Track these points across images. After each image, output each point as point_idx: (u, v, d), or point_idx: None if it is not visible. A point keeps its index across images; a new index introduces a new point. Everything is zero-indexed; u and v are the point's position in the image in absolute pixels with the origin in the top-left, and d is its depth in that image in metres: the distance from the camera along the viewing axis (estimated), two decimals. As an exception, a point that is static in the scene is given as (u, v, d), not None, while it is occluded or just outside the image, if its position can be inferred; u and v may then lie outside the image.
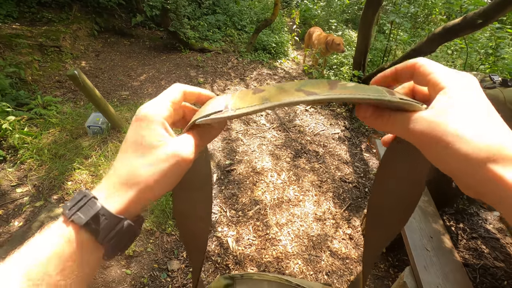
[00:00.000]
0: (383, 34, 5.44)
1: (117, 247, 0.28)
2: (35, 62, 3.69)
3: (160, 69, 4.38)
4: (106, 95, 3.62)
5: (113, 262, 1.84)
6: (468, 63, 3.97)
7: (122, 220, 0.27)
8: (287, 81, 4.12)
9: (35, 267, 0.24)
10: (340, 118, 3.54)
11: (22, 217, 1.99)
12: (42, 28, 4.31)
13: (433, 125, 0.24)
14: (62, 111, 2.91)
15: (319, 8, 6.28)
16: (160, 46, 5.18)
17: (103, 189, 0.28)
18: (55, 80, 3.69)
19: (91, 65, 4.27)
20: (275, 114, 3.53)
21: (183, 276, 1.83)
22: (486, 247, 2.04)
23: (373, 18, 3.24)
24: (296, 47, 5.83)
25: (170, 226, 2.07)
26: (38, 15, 4.66)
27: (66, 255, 0.25)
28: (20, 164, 2.33)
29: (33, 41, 3.88)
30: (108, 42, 5.04)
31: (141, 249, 1.93)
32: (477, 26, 2.30)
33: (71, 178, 2.23)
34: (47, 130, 2.58)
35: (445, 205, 2.28)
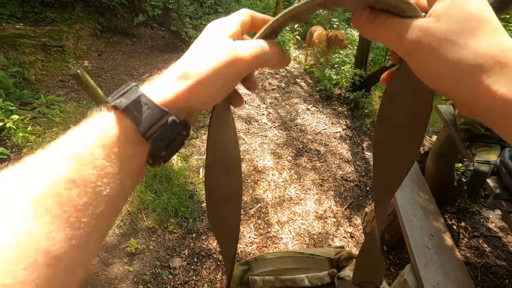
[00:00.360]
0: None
1: (162, 145, 0.26)
2: (39, 62, 3.72)
3: (162, 68, 4.30)
4: (109, 94, 3.63)
5: (115, 260, 1.85)
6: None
7: (167, 114, 0.25)
8: (288, 79, 4.07)
9: (81, 147, 0.22)
10: (341, 117, 3.54)
11: (26, 215, 2.01)
12: (45, 28, 4.34)
13: (426, 33, 0.22)
14: (65, 110, 2.93)
15: (321, 7, 6.27)
16: (162, 45, 5.20)
17: (152, 84, 0.27)
18: (58, 80, 3.72)
19: (94, 65, 4.30)
20: (277, 113, 3.53)
21: (185, 274, 1.84)
22: (487, 246, 2.03)
23: (375, 16, 3.23)
24: (298, 46, 5.82)
25: (172, 224, 2.08)
26: (41, 15, 4.70)
27: (110, 139, 0.23)
28: (24, 163, 2.36)
29: (37, 41, 3.91)
30: (110, 42, 5.07)
31: (143, 247, 1.94)
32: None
33: (74, 177, 2.25)
34: (51, 129, 2.60)
35: (447, 203, 2.28)
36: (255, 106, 3.65)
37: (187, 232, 2.08)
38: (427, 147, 2.35)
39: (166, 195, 2.22)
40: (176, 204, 2.18)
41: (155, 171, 2.39)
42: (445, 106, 1.89)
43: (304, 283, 0.70)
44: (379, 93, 3.93)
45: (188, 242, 2.02)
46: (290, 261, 0.73)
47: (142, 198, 2.18)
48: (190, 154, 2.75)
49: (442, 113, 1.84)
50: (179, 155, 2.66)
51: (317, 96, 3.95)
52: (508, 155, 1.32)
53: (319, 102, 3.82)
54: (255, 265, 0.74)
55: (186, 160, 2.65)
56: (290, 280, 0.71)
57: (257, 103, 3.72)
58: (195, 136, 2.97)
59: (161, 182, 2.34)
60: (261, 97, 3.86)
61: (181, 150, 2.75)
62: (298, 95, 3.98)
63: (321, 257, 0.72)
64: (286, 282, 0.71)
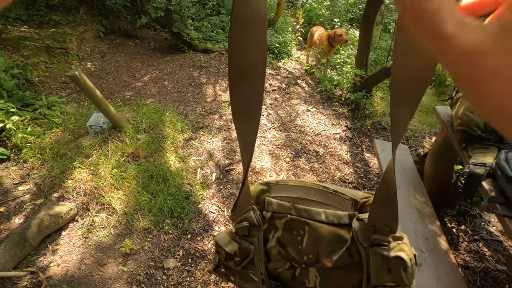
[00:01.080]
0: (388, 33, 5.37)
1: None
2: (42, 64, 3.78)
3: (164, 69, 4.43)
4: (110, 95, 3.68)
5: (110, 260, 1.86)
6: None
7: None
8: (289, 80, 4.05)
9: None
10: (342, 118, 3.50)
11: (22, 214, 2.03)
12: (50, 31, 4.41)
13: None
14: (66, 111, 2.97)
15: (324, 7, 6.25)
16: (164, 47, 5.23)
17: None
18: (61, 81, 3.77)
19: (97, 66, 4.35)
20: (277, 114, 3.52)
21: (179, 275, 1.84)
22: (488, 250, 1.99)
23: (375, 17, 3.21)
24: (299, 47, 5.81)
25: (168, 225, 2.09)
26: (46, 18, 4.78)
27: None
28: (23, 163, 2.39)
29: (40, 43, 3.97)
30: (113, 44, 5.13)
31: (138, 247, 1.95)
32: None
33: (71, 177, 2.27)
34: (51, 130, 2.63)
35: (446, 206, 2.23)
36: (254, 107, 3.64)
37: (182, 233, 2.08)
38: (426, 149, 2.32)
39: (162, 196, 2.22)
40: (172, 205, 2.19)
41: (152, 171, 2.40)
42: (443, 107, 1.86)
43: (320, 217, 0.66)
44: (380, 94, 3.89)
45: (183, 243, 2.02)
46: (312, 192, 0.69)
47: (138, 199, 2.19)
48: (188, 155, 2.75)
49: (440, 114, 1.81)
50: (177, 156, 2.67)
51: (317, 97, 3.93)
52: (504, 157, 1.29)
53: (319, 103, 3.79)
54: (275, 188, 0.71)
55: (183, 161, 2.66)
56: (306, 211, 0.67)
57: (257, 104, 3.71)
58: (193, 137, 2.97)
59: (157, 183, 2.34)
60: (261, 98, 3.84)
61: (179, 151, 2.76)
62: (299, 96, 3.96)
63: (346, 196, 0.67)
64: (301, 211, 0.68)
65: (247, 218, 0.68)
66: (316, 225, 0.66)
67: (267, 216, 0.70)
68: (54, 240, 1.92)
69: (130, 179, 2.31)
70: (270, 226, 0.71)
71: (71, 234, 1.98)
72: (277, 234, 0.70)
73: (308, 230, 0.67)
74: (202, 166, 2.63)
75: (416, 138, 3.20)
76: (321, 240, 0.66)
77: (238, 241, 0.70)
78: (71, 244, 1.92)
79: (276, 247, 0.70)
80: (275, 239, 0.70)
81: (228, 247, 0.69)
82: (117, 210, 2.12)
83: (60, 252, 1.87)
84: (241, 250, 0.70)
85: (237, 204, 0.65)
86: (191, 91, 3.88)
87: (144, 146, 2.61)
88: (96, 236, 1.97)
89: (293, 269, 0.71)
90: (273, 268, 0.73)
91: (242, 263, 0.71)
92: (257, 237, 0.69)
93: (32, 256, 1.81)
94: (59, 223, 1.95)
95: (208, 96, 3.80)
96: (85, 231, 1.99)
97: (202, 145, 2.89)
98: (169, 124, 3.00)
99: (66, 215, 1.98)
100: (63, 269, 1.78)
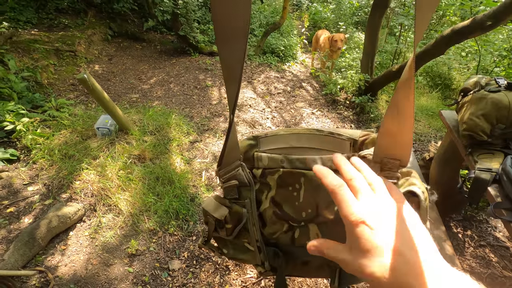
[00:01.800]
0: (394, 36, 5.36)
1: None
2: (51, 66, 3.85)
3: (170, 72, 4.48)
4: (117, 97, 3.73)
5: (116, 260, 1.89)
6: (482, 66, 3.86)
7: None
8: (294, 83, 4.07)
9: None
10: (347, 121, 3.50)
11: (32, 215, 2.07)
12: (59, 34, 4.49)
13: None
14: (74, 113, 3.02)
15: (329, 11, 6.26)
16: (171, 50, 5.29)
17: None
18: (70, 83, 3.84)
19: (104, 69, 4.41)
20: (281, 117, 3.53)
21: (184, 276, 1.86)
22: (494, 256, 1.97)
23: (380, 20, 3.21)
24: (305, 50, 5.82)
25: (173, 227, 2.11)
26: (56, 21, 4.87)
27: None
28: (32, 164, 2.44)
29: (50, 46, 4.05)
30: (121, 47, 5.20)
31: (143, 248, 1.97)
32: (486, 28, 2.24)
33: (79, 178, 2.31)
34: (59, 132, 2.68)
35: (452, 211, 2.22)
36: (259, 110, 3.66)
37: (187, 234, 2.10)
38: (432, 153, 2.31)
39: (168, 197, 2.25)
40: (178, 207, 2.21)
41: (157, 173, 2.43)
42: (448, 111, 1.86)
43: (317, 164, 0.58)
44: (386, 98, 3.88)
45: (188, 244, 2.04)
46: (305, 138, 0.60)
47: (144, 200, 2.22)
48: (194, 157, 2.78)
49: (445, 119, 1.80)
50: (183, 158, 2.70)
51: (322, 100, 3.94)
52: (510, 163, 1.28)
53: (324, 106, 3.80)
54: (264, 140, 0.62)
55: (189, 163, 2.68)
56: (300, 160, 0.59)
57: (262, 106, 3.73)
58: (199, 140, 3.00)
59: (163, 185, 2.37)
60: (266, 101, 3.87)
61: (184, 153, 2.78)
62: (304, 99, 3.97)
63: (343, 137, 0.59)
64: (295, 162, 0.59)
65: (236, 176, 0.60)
66: (312, 174, 0.58)
67: (258, 174, 0.62)
68: (62, 240, 1.96)
69: (136, 180, 2.34)
70: (262, 185, 0.64)
71: (78, 234, 2.01)
72: (271, 194, 0.63)
73: (304, 182, 0.60)
74: (207, 169, 2.66)
75: (422, 142, 3.18)
76: (319, 190, 0.58)
77: (228, 205, 0.63)
78: (79, 244, 1.96)
79: (271, 208, 0.63)
80: (269, 200, 0.63)
81: (217, 213, 0.62)
82: (124, 211, 2.15)
83: (67, 252, 1.90)
84: (232, 215, 0.63)
85: (223, 156, 0.57)
86: (197, 94, 3.91)
87: (150, 148, 2.65)
88: (103, 236, 2.00)
89: (291, 231, 0.64)
90: (269, 233, 0.66)
91: (235, 231, 0.64)
92: (249, 198, 0.62)
93: (40, 256, 1.84)
94: (67, 223, 1.99)
95: (214, 99, 3.83)
96: (92, 232, 2.02)
97: (207, 148, 2.91)
98: (175, 126, 3.03)
99: (74, 216, 2.02)
100: (70, 269, 1.81)
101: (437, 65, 4.46)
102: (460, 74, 4.39)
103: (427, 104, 3.85)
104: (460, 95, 1.68)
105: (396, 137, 0.44)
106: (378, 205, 0.34)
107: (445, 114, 1.84)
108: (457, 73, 4.41)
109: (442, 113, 1.86)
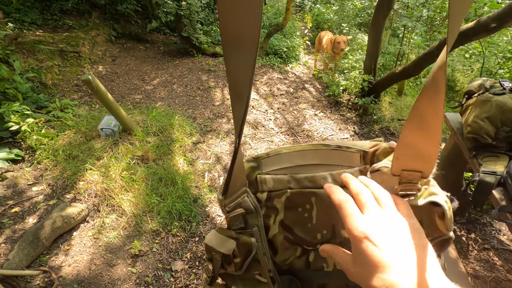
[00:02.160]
0: (397, 37, 5.34)
1: None
2: (55, 67, 3.88)
3: (173, 73, 4.49)
4: (121, 98, 3.75)
5: (119, 261, 1.90)
6: (486, 68, 3.85)
7: None
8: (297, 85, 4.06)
9: None
10: (349, 123, 3.50)
11: (36, 215, 2.09)
12: (63, 35, 4.53)
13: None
14: (78, 113, 3.04)
15: (332, 12, 6.26)
16: (174, 51, 5.31)
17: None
18: (73, 84, 3.86)
19: (108, 70, 4.44)
20: (284, 119, 3.54)
21: (186, 277, 1.86)
22: (498, 259, 1.95)
23: (384, 22, 3.21)
24: (307, 51, 5.82)
25: (176, 227, 2.11)
26: (60, 22, 4.91)
27: None
28: (37, 164, 2.46)
29: (54, 47, 4.08)
30: (124, 48, 5.23)
31: (146, 249, 1.98)
32: (491, 30, 2.24)
33: (83, 178, 2.32)
34: (63, 132, 2.70)
35: (456, 214, 2.21)
36: (262, 111, 3.66)
37: (190, 235, 2.10)
38: (435, 155, 2.30)
39: (171, 198, 2.25)
40: (180, 208, 2.21)
41: (160, 174, 2.44)
42: (452, 114, 1.85)
43: (327, 182, 0.53)
44: (389, 99, 3.87)
45: (190, 245, 2.04)
46: (311, 155, 0.56)
47: (148, 201, 2.22)
48: (196, 158, 2.78)
49: (449, 121, 1.80)
50: (185, 159, 2.71)
51: (325, 102, 3.93)
52: (515, 166, 1.27)
53: (327, 108, 3.80)
54: (266, 161, 0.58)
55: (192, 164, 2.69)
56: (308, 179, 0.55)
57: (265, 108, 3.74)
58: (202, 141, 3.01)
59: (166, 186, 2.38)
60: (268, 102, 3.87)
61: (187, 154, 2.79)
62: (306, 100, 3.97)
63: (352, 149, 0.54)
64: (303, 181, 0.55)
65: (242, 204, 0.55)
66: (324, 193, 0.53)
67: (263, 198, 0.58)
68: (66, 241, 1.97)
69: (140, 181, 2.35)
70: (268, 209, 0.59)
71: (82, 234, 2.03)
72: (279, 217, 0.58)
73: (316, 202, 0.55)
74: (210, 170, 2.66)
75: (425, 144, 3.17)
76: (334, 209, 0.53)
77: (235, 237, 0.57)
78: (82, 244, 1.97)
79: (281, 233, 0.58)
80: (278, 224, 0.58)
81: (223, 248, 0.57)
82: (127, 212, 2.16)
83: (71, 252, 1.91)
84: (240, 247, 0.57)
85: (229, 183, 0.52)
86: (200, 95, 3.93)
87: (153, 149, 2.66)
88: (106, 237, 2.01)
89: (305, 255, 0.59)
90: (281, 260, 0.60)
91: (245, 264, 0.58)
92: (257, 225, 0.56)
93: (44, 256, 1.86)
94: (71, 223, 2.00)
95: (216, 100, 3.84)
96: (96, 232, 2.03)
97: (210, 149, 2.92)
98: (178, 127, 3.04)
99: (77, 216, 2.03)
100: (74, 269, 1.82)
101: (440, 66, 4.43)
102: (464, 75, 4.37)
103: (431, 106, 3.83)
104: (464, 98, 1.67)
105: (418, 149, 0.40)
106: (383, 220, 0.35)
107: (449, 116, 1.83)
108: (460, 75, 4.39)
109: (446, 115, 1.85)
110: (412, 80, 4.38)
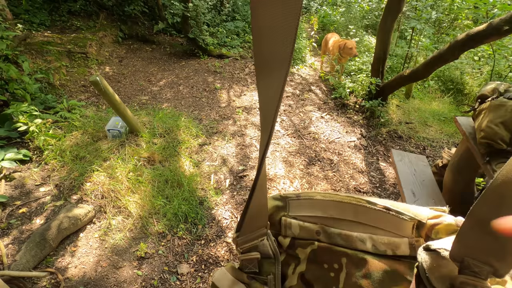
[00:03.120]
0: (405, 40, 5.29)
1: None
2: (63, 68, 3.90)
3: (179, 74, 4.50)
4: (127, 99, 3.76)
5: (125, 263, 1.89)
6: (496, 71, 3.79)
7: None
8: (303, 87, 4.03)
9: None
10: (356, 126, 3.47)
11: (43, 216, 2.09)
12: (71, 36, 4.56)
13: None
14: (85, 114, 3.05)
15: (338, 14, 6.23)
16: (180, 52, 5.32)
17: None
18: (81, 85, 3.89)
19: (114, 71, 4.46)
20: (290, 121, 3.52)
21: (192, 280, 1.85)
22: None
23: (392, 25, 3.17)
24: (314, 53, 5.80)
25: (182, 230, 2.10)
26: (68, 23, 4.95)
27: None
28: (44, 165, 2.47)
29: (62, 48, 4.12)
30: (131, 49, 5.25)
31: (152, 251, 1.97)
32: (503, 33, 2.19)
33: (89, 180, 2.32)
34: (70, 133, 2.71)
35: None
36: (268, 113, 3.64)
37: (196, 238, 2.09)
38: (445, 160, 2.26)
39: (177, 200, 2.25)
40: (186, 210, 2.20)
41: (167, 176, 2.43)
42: (464, 118, 1.81)
43: (365, 245, 0.46)
44: (396, 102, 3.83)
45: (196, 248, 2.03)
46: (351, 210, 0.48)
47: (154, 203, 2.22)
48: (202, 160, 2.77)
49: (461, 125, 1.76)
50: (191, 161, 2.70)
51: (331, 104, 3.91)
52: (532, 173, 1.24)
53: (333, 110, 3.77)
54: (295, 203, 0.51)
55: (197, 166, 2.68)
56: (342, 236, 0.48)
57: (271, 110, 3.71)
58: (207, 142, 3.00)
59: (172, 188, 2.37)
60: (275, 104, 3.85)
61: (193, 156, 2.78)
62: (313, 102, 3.95)
63: (404, 216, 0.45)
64: (335, 237, 0.48)
65: (258, 247, 0.48)
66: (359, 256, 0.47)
67: (285, 243, 0.52)
68: (72, 242, 1.97)
69: (146, 183, 2.35)
70: (288, 257, 0.53)
71: (88, 236, 2.03)
72: (300, 269, 0.52)
73: (347, 264, 0.48)
74: (216, 172, 2.65)
75: (434, 148, 3.13)
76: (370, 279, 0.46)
77: (246, 282, 0.50)
78: (89, 246, 1.97)
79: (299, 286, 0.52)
80: (297, 276, 0.52)
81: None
82: (133, 213, 2.15)
83: (78, 254, 1.91)
84: None
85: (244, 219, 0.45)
86: (206, 96, 3.92)
87: (159, 150, 2.65)
88: (113, 239, 2.01)
89: None
90: None
91: None
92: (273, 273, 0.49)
93: (51, 257, 1.86)
94: (78, 225, 2.00)
95: (222, 102, 3.83)
96: (102, 234, 2.03)
97: (216, 151, 2.91)
98: (184, 129, 3.04)
99: (84, 217, 2.03)
100: (80, 271, 1.82)
101: (449, 69, 4.39)
102: (473, 78, 4.31)
103: (439, 109, 3.79)
104: (477, 102, 1.64)
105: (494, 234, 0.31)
106: None
107: (460, 120, 1.80)
108: (469, 78, 4.33)
109: (458, 119, 1.81)
110: (420, 83, 4.33)
